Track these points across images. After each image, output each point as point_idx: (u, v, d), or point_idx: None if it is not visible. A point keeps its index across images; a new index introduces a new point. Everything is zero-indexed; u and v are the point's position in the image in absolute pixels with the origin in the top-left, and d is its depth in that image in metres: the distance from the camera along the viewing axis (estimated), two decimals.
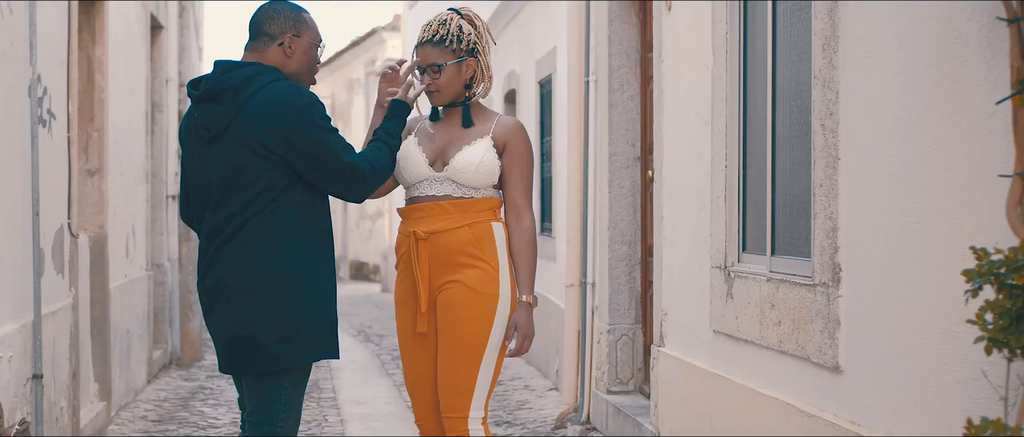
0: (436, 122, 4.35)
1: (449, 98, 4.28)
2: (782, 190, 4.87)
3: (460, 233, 4.18)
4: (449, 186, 4.23)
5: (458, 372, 4.13)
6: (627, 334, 7.51)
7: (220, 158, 4.07)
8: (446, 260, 4.18)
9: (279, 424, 4.13)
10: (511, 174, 4.26)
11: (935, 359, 3.51)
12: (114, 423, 7.81)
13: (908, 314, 3.70)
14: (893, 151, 3.80)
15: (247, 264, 4.04)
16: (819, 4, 4.30)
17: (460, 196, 4.22)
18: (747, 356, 5.06)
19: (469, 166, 4.19)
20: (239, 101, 4.04)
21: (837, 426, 4.15)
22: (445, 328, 4.17)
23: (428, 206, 4.23)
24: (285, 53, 4.15)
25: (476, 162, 4.19)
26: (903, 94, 3.72)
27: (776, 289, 4.73)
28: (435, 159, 4.26)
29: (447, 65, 4.23)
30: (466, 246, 4.17)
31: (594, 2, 7.70)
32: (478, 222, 4.20)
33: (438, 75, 4.23)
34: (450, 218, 4.20)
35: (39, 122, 5.74)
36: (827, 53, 4.24)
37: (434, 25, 4.28)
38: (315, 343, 4.12)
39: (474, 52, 4.27)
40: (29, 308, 5.58)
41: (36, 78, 5.66)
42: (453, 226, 4.18)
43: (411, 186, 4.30)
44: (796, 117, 4.70)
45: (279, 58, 4.14)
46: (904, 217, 3.72)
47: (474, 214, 4.20)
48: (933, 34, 3.49)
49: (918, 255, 3.63)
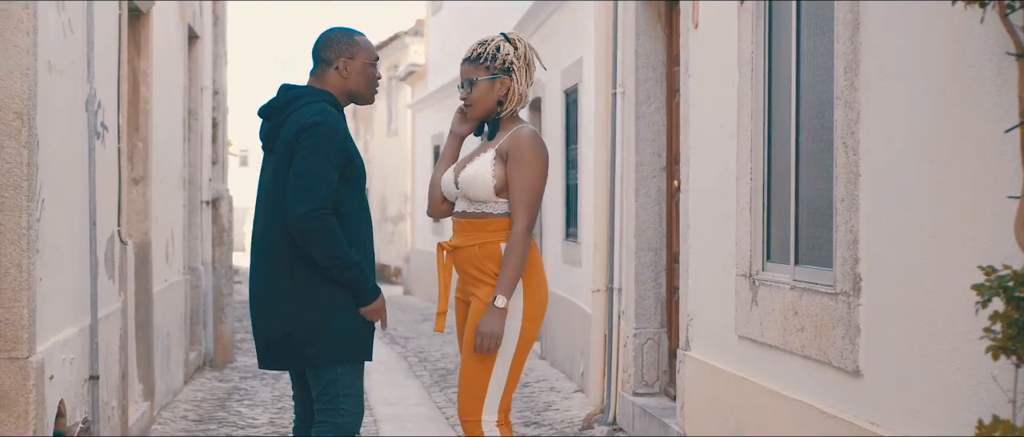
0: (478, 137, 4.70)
1: (481, 112, 4.57)
2: (805, 203, 5.12)
3: (472, 251, 4.47)
4: (464, 202, 4.53)
5: (471, 378, 4.44)
6: (653, 338, 7.76)
7: (268, 172, 4.52)
8: (465, 273, 4.51)
9: (340, 407, 4.50)
10: (511, 181, 4.44)
11: (949, 365, 3.76)
12: (156, 422, 8.10)
13: (924, 322, 3.95)
14: (910, 170, 4.05)
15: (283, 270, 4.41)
16: (841, 28, 4.56)
17: (473, 212, 4.49)
18: (771, 360, 5.31)
19: (469, 179, 4.47)
20: (282, 119, 4.46)
21: (857, 427, 4.40)
22: (464, 339, 4.51)
23: (458, 222, 4.56)
24: (342, 75, 4.54)
25: (473, 175, 4.46)
26: (919, 117, 3.97)
27: (799, 297, 4.98)
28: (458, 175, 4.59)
29: (479, 80, 4.52)
30: (477, 263, 4.45)
31: (621, 18, 7.95)
32: (488, 243, 4.45)
33: (471, 90, 4.53)
34: (467, 235, 4.50)
35: (95, 135, 6.02)
36: (849, 75, 4.49)
37: (475, 44, 4.60)
38: (342, 345, 4.47)
39: (509, 71, 4.52)
40: (86, 312, 5.87)
41: (93, 93, 5.94)
42: (468, 244, 4.48)
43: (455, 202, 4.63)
44: (819, 134, 4.95)
45: (337, 81, 4.54)
46: (920, 232, 3.98)
47: (486, 234, 4.46)
48: (948, 62, 3.74)
49: (933, 268, 3.88)
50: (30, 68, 4.72)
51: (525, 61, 4.57)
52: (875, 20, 4.31)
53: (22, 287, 4.68)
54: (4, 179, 4.65)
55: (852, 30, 4.46)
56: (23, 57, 4.68)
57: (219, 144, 12.23)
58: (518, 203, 4.43)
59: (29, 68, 4.71)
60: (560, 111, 10.97)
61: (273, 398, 9.36)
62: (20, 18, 4.67)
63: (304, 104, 4.46)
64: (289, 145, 4.38)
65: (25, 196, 4.70)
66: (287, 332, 4.46)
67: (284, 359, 4.57)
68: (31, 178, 4.74)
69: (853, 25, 4.45)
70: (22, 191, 4.69)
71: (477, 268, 4.46)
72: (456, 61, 19.44)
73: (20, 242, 4.68)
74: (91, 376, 5.90)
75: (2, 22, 4.65)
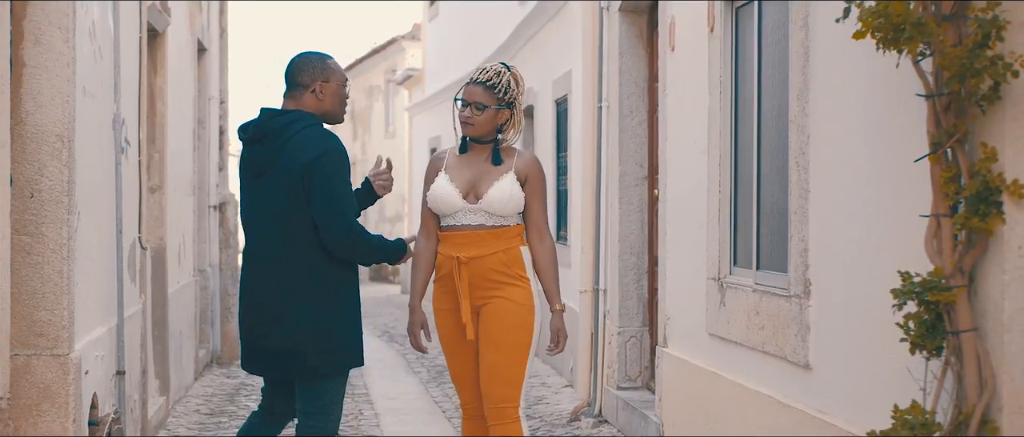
0: (462, 155, 5.08)
1: (480, 133, 5.03)
2: (765, 214, 5.67)
3: (496, 257, 4.96)
4: (483, 216, 4.98)
5: (511, 369, 4.95)
6: (635, 336, 8.33)
7: (266, 191, 4.92)
8: (486, 279, 4.95)
9: (331, 416, 4.98)
10: (532, 202, 5.05)
11: (880, 359, 4.31)
12: (172, 415, 8.65)
13: (861, 322, 4.51)
14: (853, 188, 4.60)
15: (291, 286, 4.87)
16: (795, 59, 5.11)
17: (492, 224, 4.98)
18: (737, 356, 5.87)
19: (501, 199, 4.94)
20: (280, 143, 4.86)
21: (808, 415, 4.96)
22: (494, 334, 4.95)
23: (467, 234, 4.98)
24: (317, 98, 4.95)
25: (506, 196, 4.94)
26: (857, 142, 4.53)
27: (760, 298, 5.53)
28: (467, 192, 5.00)
29: (488, 108, 4.98)
30: (502, 267, 4.95)
31: (606, 38, 8.51)
32: (510, 248, 4.97)
33: (479, 113, 4.98)
34: (487, 244, 4.96)
35: (120, 151, 6.58)
36: (801, 102, 5.05)
37: (490, 72, 5.02)
38: (347, 354, 4.97)
39: (512, 105, 5.03)
40: (113, 313, 6.43)
41: (118, 112, 6.50)
42: (490, 251, 4.96)
43: (448, 216, 5.04)
44: (777, 153, 5.50)
45: (313, 103, 4.96)
46: (860, 242, 4.53)
47: (506, 241, 4.97)
48: (879, 97, 4.29)
49: (870, 274, 4.44)
50: (70, 95, 5.26)
51: (521, 95, 5.08)
52: (823, 56, 4.86)
53: (63, 291, 5.23)
54: (48, 195, 5.19)
55: (803, 62, 5.02)
56: (64, 85, 5.23)
57: (225, 151, 12.78)
58: (543, 219, 5.05)
59: (69, 95, 5.25)
60: (551, 120, 11.52)
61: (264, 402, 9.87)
62: (61, 51, 5.21)
63: (302, 128, 4.84)
64: (303, 170, 4.76)
65: (66, 210, 5.24)
66: (298, 344, 4.87)
67: (288, 369, 4.95)
68: (70, 194, 5.28)
69: (804, 57, 5.01)
70: (63, 205, 5.23)
71: (502, 272, 4.95)
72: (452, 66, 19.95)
73: (61, 251, 5.22)
74: (118, 371, 6.45)
75: (46, 55, 5.19)
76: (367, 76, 29.39)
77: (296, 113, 4.90)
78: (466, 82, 5.07)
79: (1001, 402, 3.58)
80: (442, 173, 5.08)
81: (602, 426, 8.29)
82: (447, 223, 5.08)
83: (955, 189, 3.65)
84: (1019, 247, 3.56)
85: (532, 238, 5.07)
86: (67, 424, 5.20)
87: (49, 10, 5.21)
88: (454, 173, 5.06)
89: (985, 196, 3.57)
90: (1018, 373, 3.57)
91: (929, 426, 3.67)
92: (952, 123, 3.64)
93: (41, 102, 5.18)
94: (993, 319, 3.61)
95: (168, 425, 8.32)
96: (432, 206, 5.08)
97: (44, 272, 5.20)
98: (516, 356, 4.96)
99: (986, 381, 3.59)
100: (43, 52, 5.19)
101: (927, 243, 3.72)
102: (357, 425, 8.53)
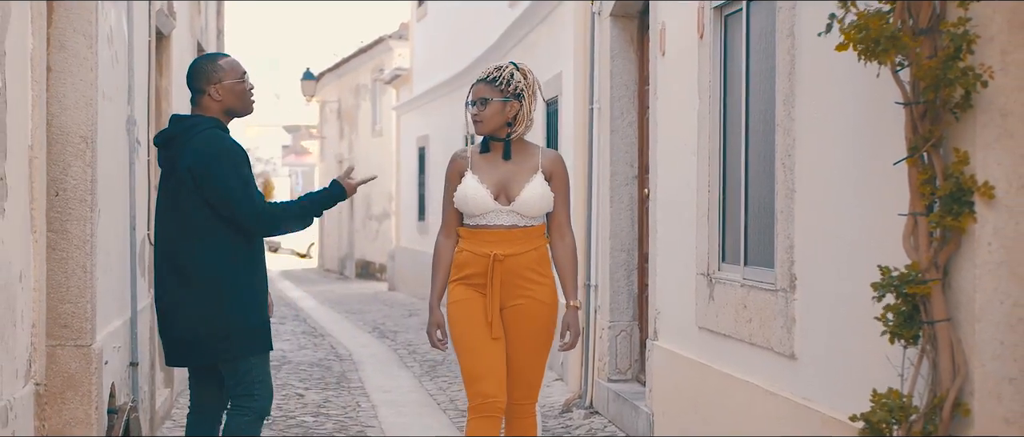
0: (485, 155, 5.10)
1: (490, 129, 5.06)
2: (753, 212, 5.97)
3: (529, 256, 5.05)
4: (515, 217, 5.04)
5: (535, 370, 5.12)
6: (626, 330, 8.63)
7: (168, 191, 5.24)
8: (518, 276, 5.03)
9: (255, 393, 5.25)
10: (558, 199, 5.12)
11: (861, 348, 4.62)
12: (176, 407, 8.92)
13: (844, 314, 4.81)
14: (836, 188, 4.90)
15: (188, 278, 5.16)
16: (781, 66, 5.41)
17: (524, 225, 5.06)
18: (725, 348, 6.17)
19: (534, 200, 5.02)
20: (180, 146, 5.17)
21: (793, 403, 5.26)
22: (523, 333, 5.07)
23: (500, 232, 5.04)
24: (214, 98, 5.23)
25: (539, 196, 5.02)
26: (843, 146, 4.83)
27: (748, 293, 5.83)
28: (498, 193, 5.04)
29: (492, 101, 5.03)
30: (534, 265, 5.05)
31: (597, 41, 8.81)
32: (540, 246, 5.09)
33: (484, 108, 5.04)
34: (520, 243, 5.04)
35: (132, 151, 6.85)
36: (787, 107, 5.34)
37: (491, 68, 5.12)
38: (248, 339, 5.23)
39: (520, 97, 5.07)
40: (128, 307, 6.71)
41: (131, 114, 6.77)
42: (524, 250, 5.04)
43: (478, 216, 5.07)
44: (764, 154, 5.80)
45: (213, 104, 5.25)
46: (842, 239, 4.83)
47: (536, 240, 5.08)
48: (864, 102, 4.59)
49: (852, 269, 4.73)
50: (92, 99, 5.53)
51: (532, 89, 5.14)
52: (808, 63, 5.16)
53: (86, 285, 5.50)
54: (72, 194, 5.47)
55: (789, 69, 5.31)
56: (87, 89, 5.50)
57: None
58: (566, 216, 5.13)
59: (91, 99, 5.53)
60: (541, 120, 11.80)
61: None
62: (85, 56, 5.49)
63: (198, 132, 5.13)
64: (195, 172, 5.05)
65: (88, 208, 5.51)
66: (197, 332, 5.17)
67: (192, 356, 5.28)
68: (93, 193, 5.55)
69: (790, 64, 5.30)
70: (86, 204, 5.50)
71: (534, 270, 5.05)
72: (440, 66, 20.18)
73: (85, 247, 5.50)
74: (132, 362, 6.73)
75: (72, 60, 5.46)
76: (354, 75, 29.63)
77: (196, 118, 5.23)
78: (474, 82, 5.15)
79: (973, 386, 3.89)
80: (470, 173, 5.09)
81: (593, 417, 8.58)
82: (476, 222, 5.11)
83: (931, 190, 3.95)
84: (989, 243, 3.86)
85: (554, 235, 5.16)
86: (90, 412, 5.48)
87: (73, 17, 5.49)
88: (482, 174, 5.08)
89: (958, 196, 3.87)
90: (988, 359, 3.88)
91: (906, 409, 3.97)
92: (928, 129, 3.94)
93: (66, 105, 5.47)
94: (965, 310, 3.91)
95: (173, 416, 8.58)
96: (460, 207, 5.10)
97: (68, 267, 5.47)
98: (543, 357, 5.12)
99: (959, 367, 3.89)
100: (68, 57, 5.47)
101: (905, 240, 4.02)
102: (355, 416, 8.80)
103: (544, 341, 5.12)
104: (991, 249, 3.87)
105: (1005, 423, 3.87)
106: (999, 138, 3.85)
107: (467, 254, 5.10)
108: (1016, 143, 3.85)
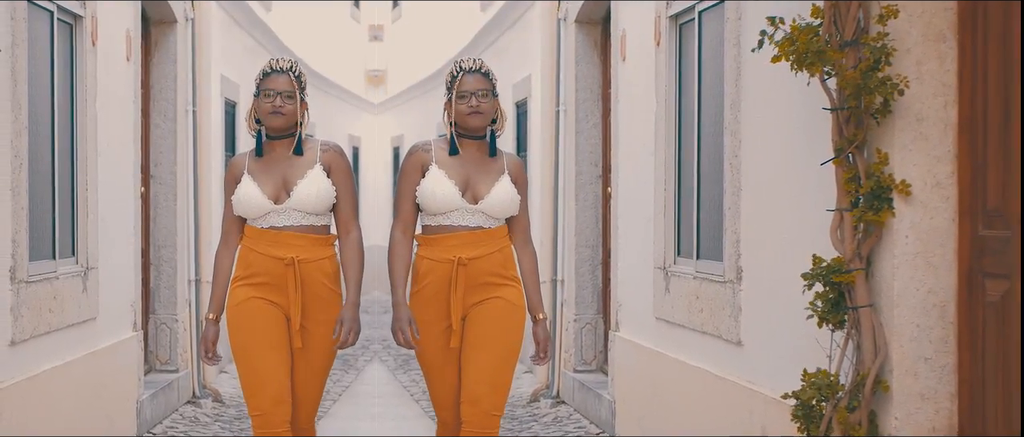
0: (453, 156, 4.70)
1: (486, 123, 4.73)
2: (704, 209, 6.37)
3: (495, 257, 4.71)
4: (480, 218, 4.69)
5: (504, 374, 4.68)
6: (590, 323, 9.03)
7: None
8: (481, 281, 4.68)
9: None
10: (522, 205, 4.80)
11: (796, 333, 5.01)
12: None
13: (783, 303, 5.20)
14: (776, 186, 5.30)
15: None
16: (729, 73, 5.80)
17: (489, 226, 4.71)
18: (680, 336, 6.56)
19: (503, 201, 4.70)
20: None
21: (739, 385, 5.66)
22: (490, 335, 4.66)
23: (464, 235, 4.68)
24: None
25: (509, 198, 4.71)
26: (782, 146, 5.23)
27: (700, 285, 6.23)
28: (465, 191, 4.69)
29: (489, 93, 4.69)
30: (498, 268, 4.71)
31: (563, 46, 9.20)
32: (504, 247, 4.76)
33: (485, 99, 4.68)
34: (485, 245, 4.69)
35: None
36: (734, 111, 5.74)
37: (479, 60, 4.78)
38: None
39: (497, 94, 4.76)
40: None
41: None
42: (490, 251, 4.70)
43: (440, 214, 4.70)
44: (715, 154, 6.19)
45: None
46: (783, 234, 5.23)
47: (500, 241, 4.74)
48: (800, 107, 4.98)
49: (790, 262, 5.12)
50: None
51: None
52: (752, 71, 5.55)
53: None
54: None
55: (736, 76, 5.71)
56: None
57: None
58: (528, 222, 4.86)
59: None
60: (511, 122, 12.17)
61: None
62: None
63: None
64: None
65: None
66: None
67: None
68: None
69: (737, 71, 5.70)
70: None
71: (498, 273, 4.70)
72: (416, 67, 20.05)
73: None
74: None
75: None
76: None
77: None
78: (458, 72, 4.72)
79: (891, 365, 4.30)
80: (435, 167, 4.71)
81: (560, 406, 8.96)
82: (438, 223, 4.74)
83: (855, 188, 4.35)
84: (906, 236, 4.27)
85: (517, 240, 4.86)
86: None
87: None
88: (449, 169, 4.71)
89: (879, 194, 4.28)
90: (906, 341, 4.29)
91: (833, 387, 4.37)
92: (852, 132, 4.35)
93: None
94: (885, 297, 4.32)
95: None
96: (423, 202, 4.71)
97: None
98: (510, 360, 4.71)
99: (879, 348, 4.30)
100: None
101: (832, 233, 4.43)
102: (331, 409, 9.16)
103: (512, 344, 4.70)
104: (908, 241, 4.28)
105: (920, 398, 4.29)
106: (915, 141, 4.27)
107: (427, 262, 4.72)
108: (930, 145, 4.27)
